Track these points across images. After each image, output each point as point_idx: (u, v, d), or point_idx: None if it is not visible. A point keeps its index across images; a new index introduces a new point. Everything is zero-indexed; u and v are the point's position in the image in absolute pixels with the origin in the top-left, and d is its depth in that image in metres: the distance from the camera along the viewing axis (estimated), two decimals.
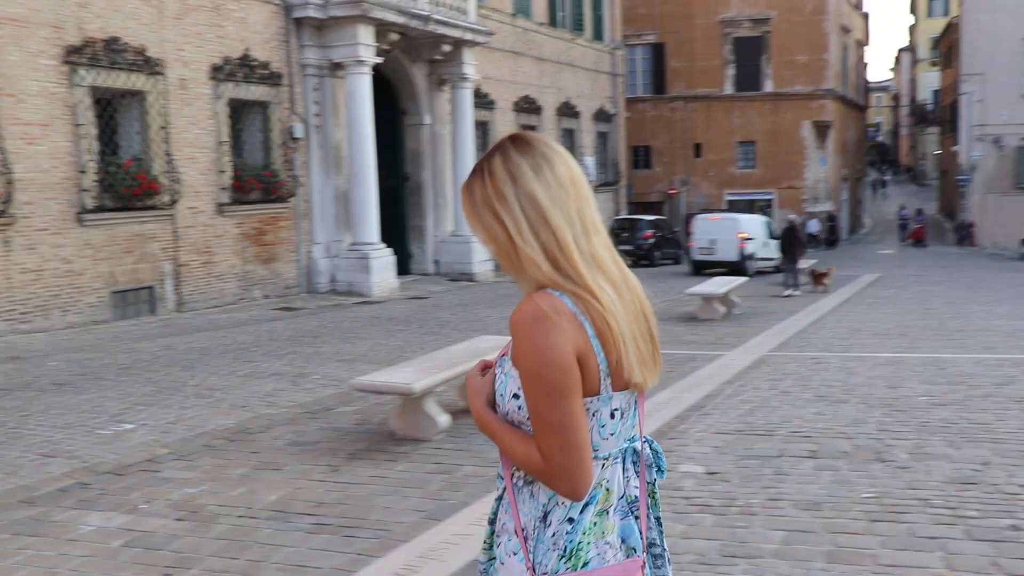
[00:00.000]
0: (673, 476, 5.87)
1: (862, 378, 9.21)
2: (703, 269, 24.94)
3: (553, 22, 28.66)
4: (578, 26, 30.50)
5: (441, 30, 20.22)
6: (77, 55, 13.71)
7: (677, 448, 6.54)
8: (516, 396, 1.86)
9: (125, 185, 14.20)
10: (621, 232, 29.47)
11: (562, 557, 1.85)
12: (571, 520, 1.86)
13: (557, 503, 1.87)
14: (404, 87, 21.54)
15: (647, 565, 1.96)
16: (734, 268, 23.98)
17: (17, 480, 6.13)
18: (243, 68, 16.53)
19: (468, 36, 21.28)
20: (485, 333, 11.24)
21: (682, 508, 5.24)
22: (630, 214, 33.51)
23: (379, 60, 18.39)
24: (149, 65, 14.78)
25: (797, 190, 38.91)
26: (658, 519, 2.02)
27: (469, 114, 21.95)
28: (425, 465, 6.17)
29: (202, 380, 9.51)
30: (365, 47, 17.91)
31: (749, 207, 34.99)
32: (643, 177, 38.95)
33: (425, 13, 19.40)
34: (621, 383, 1.86)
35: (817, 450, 6.42)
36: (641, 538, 1.93)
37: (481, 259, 21.94)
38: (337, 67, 18.23)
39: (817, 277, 19.75)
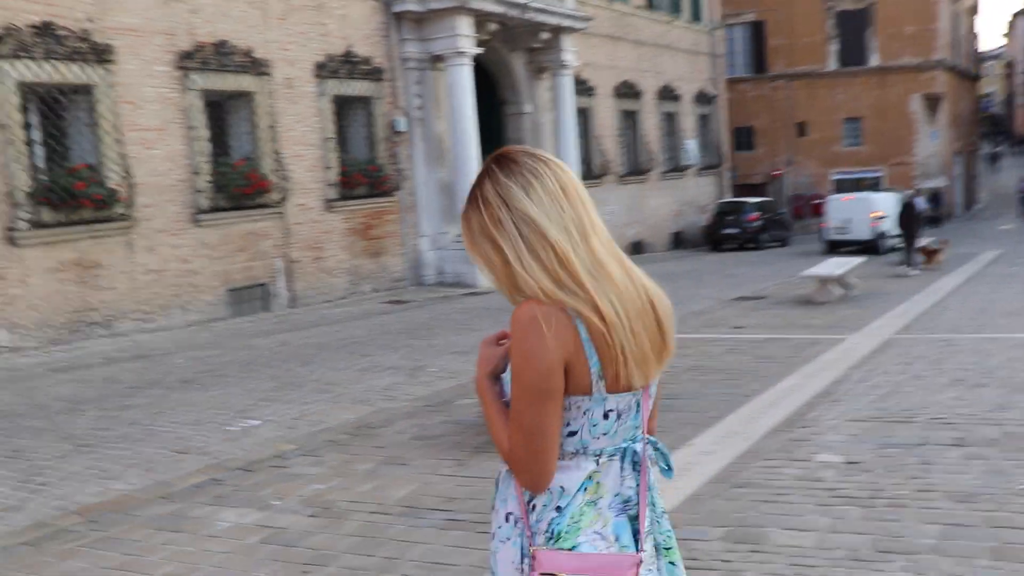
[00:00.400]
0: (810, 466, 5.65)
1: (1000, 360, 8.77)
2: (837, 249, 24.83)
3: (650, 4, 28.26)
4: (675, 8, 30.01)
5: (539, 18, 20.10)
6: (189, 60, 14.01)
7: (811, 437, 6.30)
8: None
9: (237, 185, 14.47)
10: (725, 216, 28.95)
11: (550, 539, 1.90)
12: (558, 508, 1.91)
13: (561, 493, 1.92)
14: (503, 76, 21.48)
15: (655, 567, 1.99)
16: (868, 247, 24.12)
17: (155, 476, 6.26)
18: (346, 65, 16.68)
19: (566, 23, 21.10)
20: None
21: (825, 500, 5.03)
22: (735, 197, 32.89)
23: (479, 51, 18.35)
24: (256, 66, 15.03)
25: (907, 166, 37.60)
26: (663, 514, 2.06)
27: (570, 101, 21.78)
28: None
29: (321, 375, 9.61)
30: (465, 38, 17.89)
31: (855, 186, 34.00)
32: (745, 159, 38.16)
33: (523, 1, 19.28)
34: (617, 386, 1.89)
35: (963, 438, 6.10)
36: (638, 538, 1.95)
37: None
38: (437, 59, 18.27)
39: (930, 254, 19.03)
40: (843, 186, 34.79)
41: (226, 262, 14.56)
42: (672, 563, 2.06)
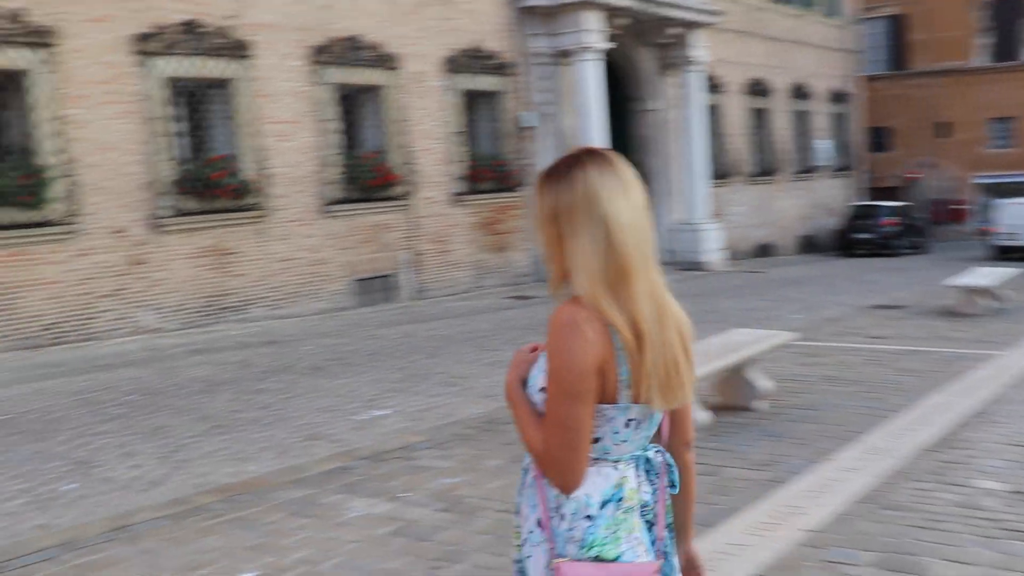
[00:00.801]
0: (969, 492, 5.34)
1: None
2: (1006, 255, 24.17)
3: None
4: (809, 1, 29.23)
5: (670, 13, 19.89)
6: (322, 55, 14.37)
7: (968, 460, 5.98)
8: (543, 390, 1.98)
9: (366, 177, 14.77)
10: (859, 220, 28.09)
11: (584, 548, 1.94)
12: (589, 517, 1.95)
13: (566, 499, 1.97)
14: (631, 73, 21.33)
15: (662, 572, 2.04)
16: None
17: (287, 460, 6.45)
18: (474, 59, 16.84)
19: (697, 18, 20.82)
20: (726, 325, 10.91)
21: (989, 531, 4.71)
22: (869, 200, 31.86)
23: (608, 46, 18.27)
24: (386, 60, 15.30)
25: None
26: (669, 525, 2.11)
27: (698, 99, 21.49)
28: None
29: (447, 368, 9.73)
30: (593, 33, 17.83)
31: (997, 191, 32.51)
32: (881, 160, 36.91)
33: None
34: (643, 396, 1.95)
35: None
36: (655, 544, 2.02)
37: (713, 248, 21.47)
38: (565, 55, 18.25)
39: None
40: (993, 190, 33.28)
41: (353, 252, 14.89)
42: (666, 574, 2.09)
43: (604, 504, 1.97)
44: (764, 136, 26.77)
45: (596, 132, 17.82)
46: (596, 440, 1.97)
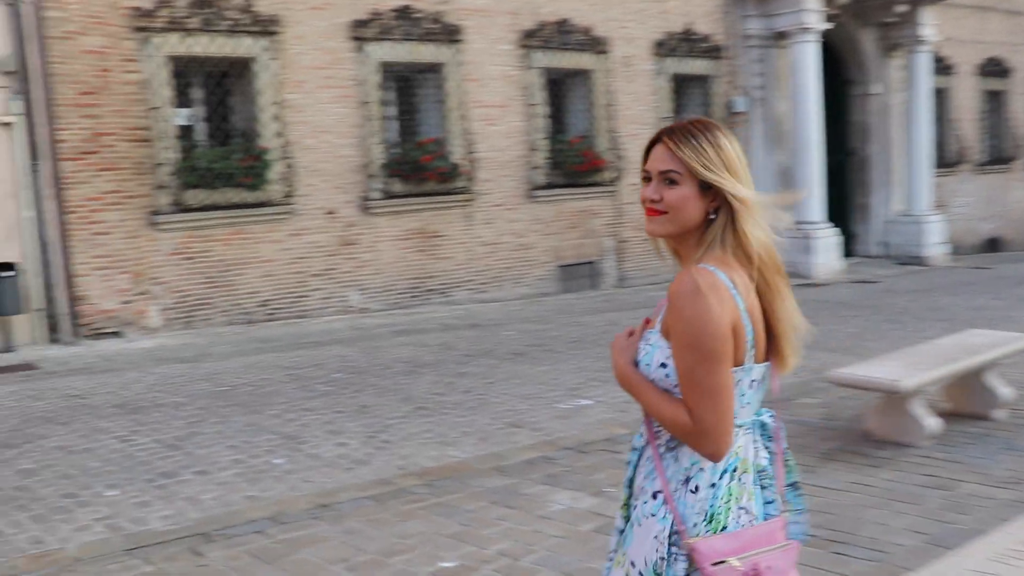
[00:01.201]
0: None
1: None
2: None
3: None
4: None
5: None
6: (531, 39, 14.30)
7: None
8: (664, 365, 2.01)
9: (572, 162, 14.62)
10: None
11: (705, 521, 1.96)
12: (713, 485, 1.97)
13: (699, 468, 1.98)
14: (850, 54, 20.20)
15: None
16: None
17: (488, 447, 6.35)
18: (685, 42, 16.36)
19: None
20: (955, 324, 10.10)
21: None
22: None
23: (827, 26, 17.34)
24: (595, 44, 15.08)
25: None
26: (793, 484, 2.15)
27: (925, 81, 20.09)
28: (914, 476, 5.47)
29: None
30: (812, 13, 16.95)
31: None
32: None
33: None
34: (762, 356, 2.01)
35: None
36: (769, 505, 2.03)
37: (935, 241, 20.09)
38: (781, 36, 17.46)
39: None
40: None
41: (558, 238, 14.79)
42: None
43: (723, 473, 2.00)
44: (999, 121, 24.80)
45: (812, 117, 16.97)
46: None
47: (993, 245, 24.38)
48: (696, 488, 1.98)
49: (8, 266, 10.46)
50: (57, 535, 4.89)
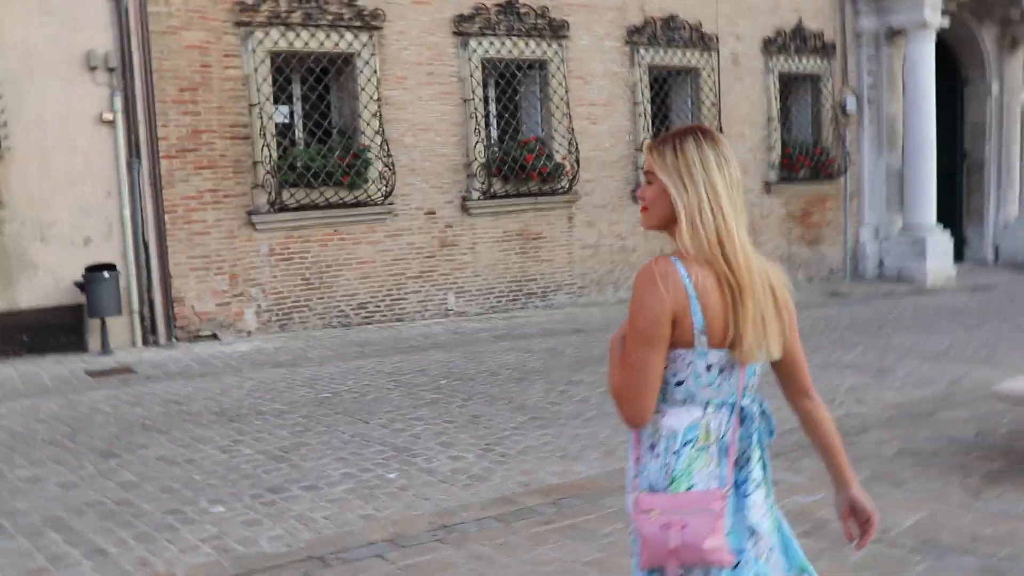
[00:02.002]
0: None
1: None
2: None
3: None
4: None
5: None
6: (637, 35, 13.71)
7: None
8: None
9: None
10: None
11: (668, 482, 2.17)
12: (675, 453, 2.18)
13: (661, 436, 2.20)
14: (967, 53, 19.13)
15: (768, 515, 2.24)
16: None
17: (615, 463, 5.76)
18: (794, 40, 15.58)
19: None
20: None
21: None
22: None
23: (944, 24, 16.37)
24: (703, 41, 14.42)
25: None
26: (764, 463, 2.26)
27: None
28: None
29: None
30: (930, 9, 16.02)
31: None
32: None
33: None
34: (717, 342, 2.15)
35: None
36: (727, 475, 2.18)
37: None
38: (895, 34, 16.55)
39: None
40: None
41: (660, 241, 14.11)
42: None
43: (686, 442, 2.18)
44: None
45: (926, 118, 16.03)
46: (680, 383, 2.19)
47: None
48: (658, 454, 2.19)
49: (108, 266, 10.24)
50: (164, 556, 4.47)
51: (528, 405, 7.41)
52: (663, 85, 14.43)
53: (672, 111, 14.58)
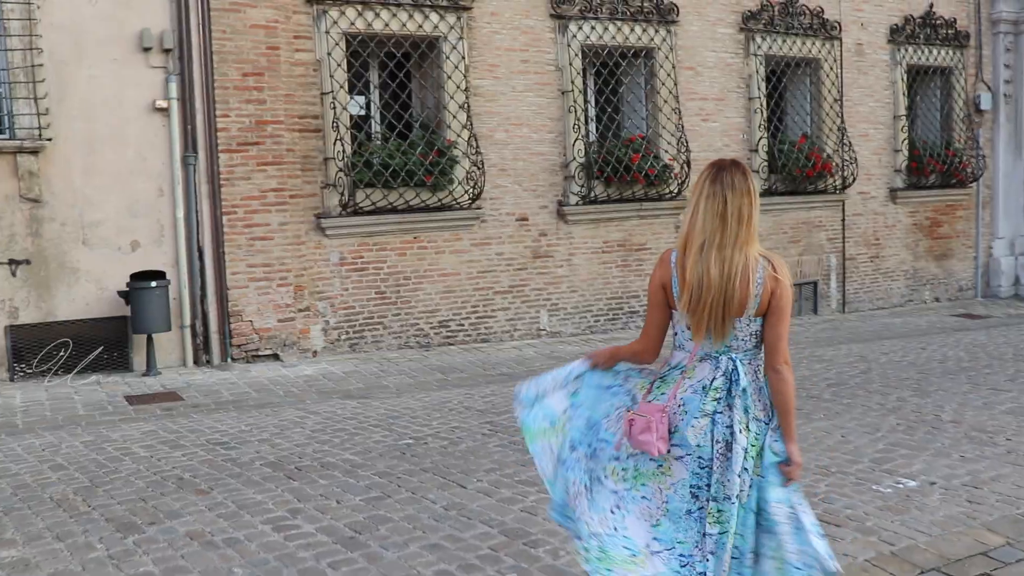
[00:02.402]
0: None
1: None
2: None
3: None
4: None
5: None
6: (753, 21, 11.91)
7: None
8: None
9: (797, 165, 12.11)
10: None
11: (656, 396, 3.04)
12: (662, 377, 3.07)
13: (665, 367, 3.10)
14: None
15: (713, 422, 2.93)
16: None
17: None
18: (925, 28, 13.63)
19: None
20: None
21: None
22: None
23: None
24: (825, 29, 12.55)
25: None
26: (730, 404, 2.94)
27: None
28: None
29: (950, 408, 6.91)
30: None
31: None
32: None
33: None
34: (687, 309, 2.95)
35: None
36: (669, 398, 2.98)
37: None
38: None
39: None
40: None
41: (779, 253, 12.26)
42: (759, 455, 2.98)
43: (671, 368, 3.06)
44: None
45: None
46: (675, 335, 3.08)
47: None
48: (664, 379, 3.06)
49: (157, 274, 8.77)
50: None
51: None
52: (780, 78, 12.59)
53: (789, 108, 12.72)
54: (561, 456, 3.16)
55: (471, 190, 9.95)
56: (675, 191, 11.23)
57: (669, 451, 2.92)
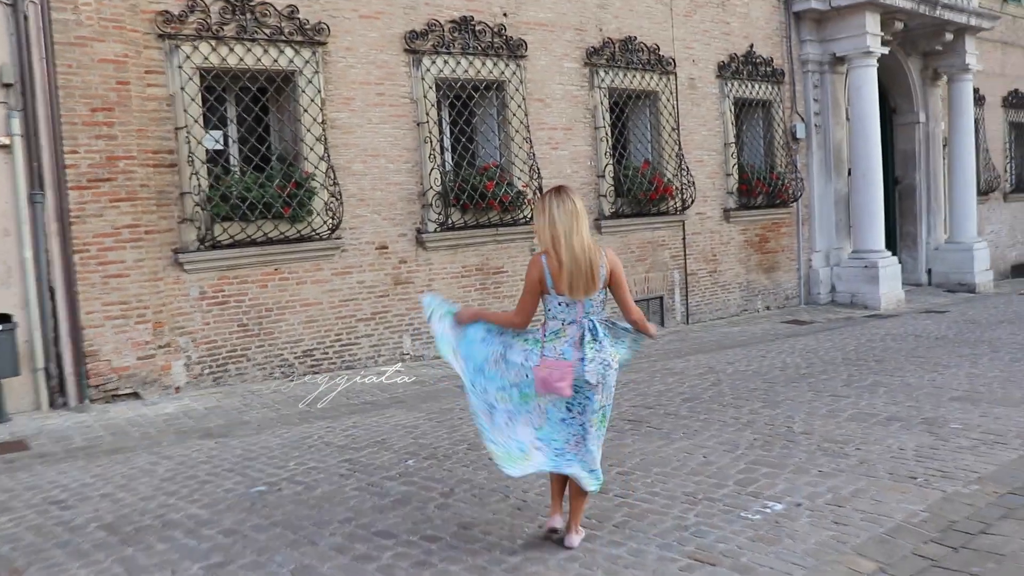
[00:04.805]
0: None
1: None
2: None
3: None
4: None
5: (947, 15, 15.79)
6: (596, 56, 11.42)
7: None
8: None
9: (642, 189, 11.68)
10: None
11: (552, 354, 3.94)
12: (550, 340, 3.98)
13: (544, 332, 4.03)
14: (896, 83, 17.30)
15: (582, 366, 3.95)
16: None
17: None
18: (747, 65, 13.48)
19: (973, 21, 16.58)
20: None
21: None
22: None
23: (884, 51, 14.49)
24: (661, 65, 12.19)
25: None
26: (584, 358, 3.97)
27: (969, 110, 17.20)
28: None
29: (799, 419, 6.43)
30: (872, 36, 14.13)
31: None
32: None
33: None
34: (560, 291, 3.94)
35: None
36: (573, 356, 3.93)
37: (983, 268, 17.18)
38: (839, 62, 14.62)
39: None
40: None
41: (626, 272, 11.79)
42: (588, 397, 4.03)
43: (551, 334, 3.98)
44: (1021, 151, 21.93)
45: (871, 143, 14.09)
46: (549, 310, 4.02)
47: (1018, 271, 21.48)
48: (545, 341, 3.99)
49: (3, 317, 7.53)
50: None
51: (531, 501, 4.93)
52: (623, 109, 12.16)
53: (632, 136, 12.30)
54: (465, 388, 4.13)
55: (330, 220, 9.04)
56: (529, 216, 10.59)
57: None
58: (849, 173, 14.74)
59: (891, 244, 16.96)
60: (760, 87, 13.69)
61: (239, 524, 4.64)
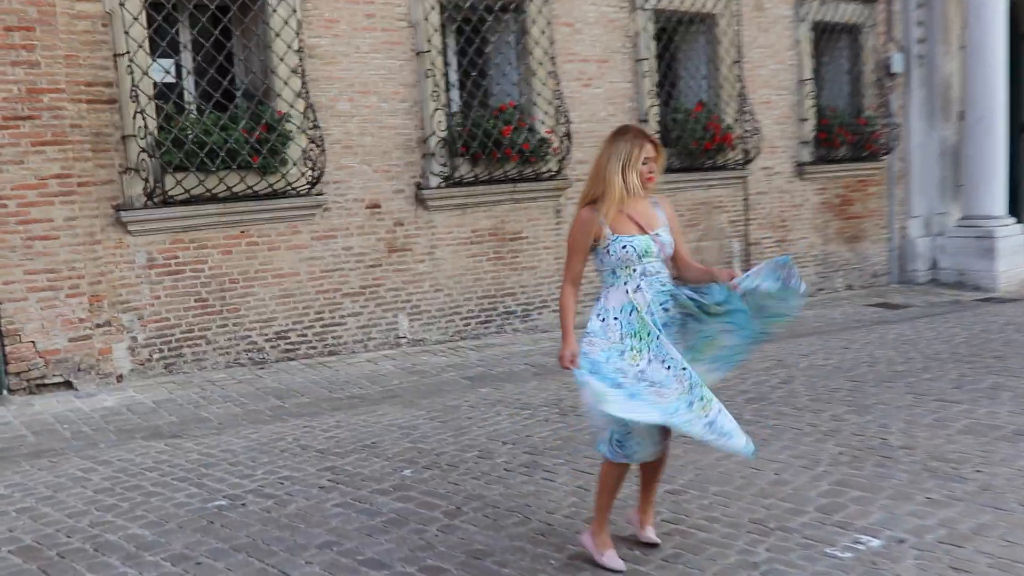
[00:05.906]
0: None
1: None
2: None
3: None
4: None
5: None
6: None
7: None
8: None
9: (695, 138, 11.54)
10: None
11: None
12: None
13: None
14: None
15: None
16: None
17: None
18: None
19: None
20: None
21: None
22: None
23: None
24: None
25: None
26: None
27: None
28: None
29: (897, 429, 6.32)
30: None
31: None
32: None
33: None
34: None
35: None
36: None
37: None
38: None
39: None
40: None
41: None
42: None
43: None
44: None
45: (991, 79, 13.76)
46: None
47: None
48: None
49: None
50: None
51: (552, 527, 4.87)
52: (672, 37, 11.99)
53: (683, 71, 12.13)
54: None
55: (309, 173, 8.97)
56: (555, 169, 10.49)
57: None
58: (961, 117, 14.48)
59: (1014, 209, 16.65)
60: (846, 7, 13.47)
61: (192, 548, 4.59)
